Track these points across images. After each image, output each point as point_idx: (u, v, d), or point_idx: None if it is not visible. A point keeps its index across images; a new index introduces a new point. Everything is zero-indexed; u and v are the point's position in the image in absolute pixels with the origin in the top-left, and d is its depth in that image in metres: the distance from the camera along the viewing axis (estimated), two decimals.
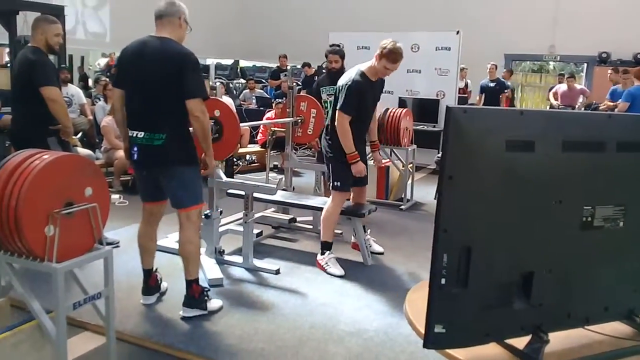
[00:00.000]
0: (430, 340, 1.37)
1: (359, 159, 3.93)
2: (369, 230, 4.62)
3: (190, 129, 3.13)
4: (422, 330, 1.57)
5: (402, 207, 6.06)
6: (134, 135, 3.09)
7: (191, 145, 3.15)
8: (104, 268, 2.41)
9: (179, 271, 3.85)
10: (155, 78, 3.00)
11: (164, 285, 3.58)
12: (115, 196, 5.81)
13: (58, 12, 8.78)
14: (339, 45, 5.34)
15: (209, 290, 3.42)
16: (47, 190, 2.11)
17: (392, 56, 3.88)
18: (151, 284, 3.43)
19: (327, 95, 5.28)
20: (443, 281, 1.32)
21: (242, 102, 10.99)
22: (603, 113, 1.90)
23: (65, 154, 2.33)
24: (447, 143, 1.23)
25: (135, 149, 3.09)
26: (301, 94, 5.86)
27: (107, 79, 8.42)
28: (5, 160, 2.18)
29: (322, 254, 4.11)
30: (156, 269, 3.53)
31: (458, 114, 1.22)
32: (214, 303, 3.37)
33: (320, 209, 4.39)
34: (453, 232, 1.29)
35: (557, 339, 1.52)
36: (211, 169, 3.30)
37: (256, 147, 8.50)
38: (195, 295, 3.27)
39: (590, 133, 1.39)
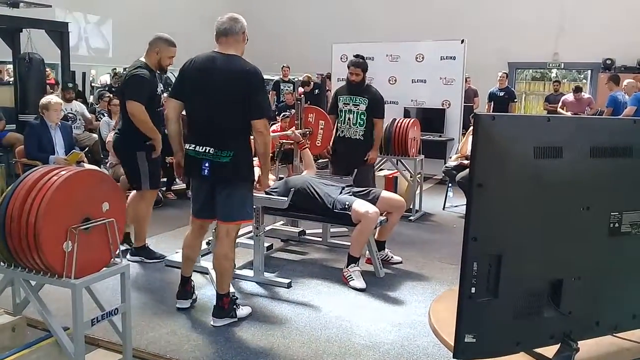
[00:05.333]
0: (461, 351, 1.35)
1: None
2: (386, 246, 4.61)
3: None
4: (449, 341, 1.56)
5: (411, 218, 6.04)
6: (204, 150, 3.09)
7: (251, 162, 3.23)
8: (121, 283, 2.40)
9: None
10: (225, 96, 3.04)
11: (195, 293, 3.64)
12: None
13: (62, 29, 8.86)
14: (363, 57, 5.15)
15: (237, 298, 3.48)
16: (66, 205, 2.11)
17: None
18: (187, 289, 3.52)
19: (343, 104, 5.21)
20: (473, 290, 1.31)
21: None
22: (629, 118, 1.90)
23: (81, 169, 2.33)
24: (476, 151, 1.22)
25: (207, 164, 3.09)
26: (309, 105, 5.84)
27: (111, 95, 8.44)
28: (23, 177, 2.18)
29: (348, 266, 4.09)
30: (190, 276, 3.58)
31: (486, 122, 1.22)
32: (244, 310, 3.43)
33: (332, 221, 4.39)
34: (483, 241, 1.28)
35: (586, 347, 1.51)
36: (265, 185, 3.34)
37: None
38: (224, 306, 3.32)
39: (617, 139, 1.38)
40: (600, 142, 1.34)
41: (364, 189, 4.42)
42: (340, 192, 4.26)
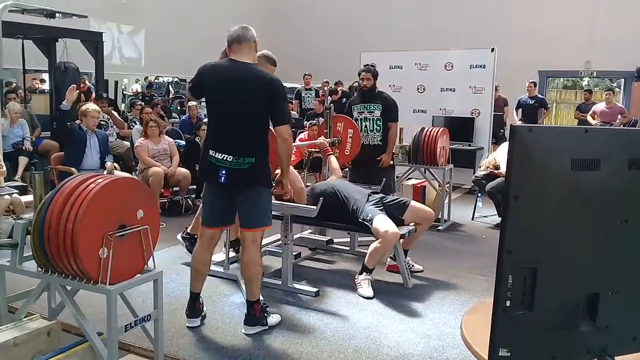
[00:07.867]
0: None
1: None
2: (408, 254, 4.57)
3: None
4: (482, 354, 1.55)
5: (440, 227, 5.99)
6: (222, 158, 3.11)
7: (269, 168, 3.26)
8: (154, 290, 2.44)
9: (218, 294, 3.89)
10: (247, 104, 3.09)
11: (204, 310, 3.56)
12: None
13: (97, 38, 9.07)
14: (373, 65, 5.42)
15: (267, 306, 3.47)
16: (102, 213, 2.16)
17: None
18: (197, 307, 3.43)
19: (358, 113, 5.43)
20: (508, 303, 1.30)
21: None
22: None
23: (117, 177, 2.38)
24: (512, 163, 1.21)
25: (224, 172, 3.11)
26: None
27: (143, 103, 8.59)
28: (61, 185, 2.24)
29: (360, 274, 4.08)
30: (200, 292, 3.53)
31: (523, 133, 1.21)
32: (274, 318, 3.43)
33: (355, 229, 4.40)
34: (518, 253, 1.26)
35: None
36: (286, 189, 3.39)
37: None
38: (256, 314, 3.33)
39: None
40: (639, 154, 1.32)
41: (394, 198, 4.41)
42: (367, 200, 4.23)
